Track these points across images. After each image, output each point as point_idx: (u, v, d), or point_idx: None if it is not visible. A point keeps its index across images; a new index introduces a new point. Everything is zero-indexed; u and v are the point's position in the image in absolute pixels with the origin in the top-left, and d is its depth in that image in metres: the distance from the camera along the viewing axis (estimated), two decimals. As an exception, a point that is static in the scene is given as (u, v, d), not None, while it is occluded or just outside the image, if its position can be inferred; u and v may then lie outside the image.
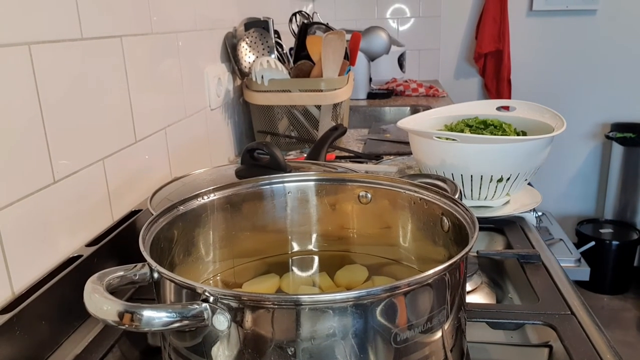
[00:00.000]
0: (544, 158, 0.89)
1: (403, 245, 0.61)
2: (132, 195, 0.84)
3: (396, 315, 0.39)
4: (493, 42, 2.66)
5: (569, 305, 0.63)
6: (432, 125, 1.02)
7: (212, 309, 0.38)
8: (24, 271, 0.59)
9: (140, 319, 0.37)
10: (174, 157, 0.99)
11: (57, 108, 0.65)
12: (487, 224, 0.88)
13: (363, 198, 0.61)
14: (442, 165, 0.88)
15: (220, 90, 1.25)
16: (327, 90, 1.31)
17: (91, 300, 0.39)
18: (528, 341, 0.63)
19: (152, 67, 0.91)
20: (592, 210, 2.97)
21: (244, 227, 0.61)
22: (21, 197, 0.59)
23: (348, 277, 0.59)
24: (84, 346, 0.58)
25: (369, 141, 1.49)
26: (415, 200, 0.57)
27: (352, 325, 0.38)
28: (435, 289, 0.41)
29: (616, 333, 2.31)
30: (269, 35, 1.34)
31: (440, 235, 0.54)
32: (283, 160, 0.77)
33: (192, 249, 0.57)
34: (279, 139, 1.38)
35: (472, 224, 0.47)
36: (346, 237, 0.65)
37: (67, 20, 0.68)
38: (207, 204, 0.58)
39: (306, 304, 0.38)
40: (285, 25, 1.66)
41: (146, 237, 0.48)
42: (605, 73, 2.75)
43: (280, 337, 0.38)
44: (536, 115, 0.98)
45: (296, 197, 0.63)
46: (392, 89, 2.31)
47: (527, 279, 0.70)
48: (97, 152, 0.74)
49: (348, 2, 2.76)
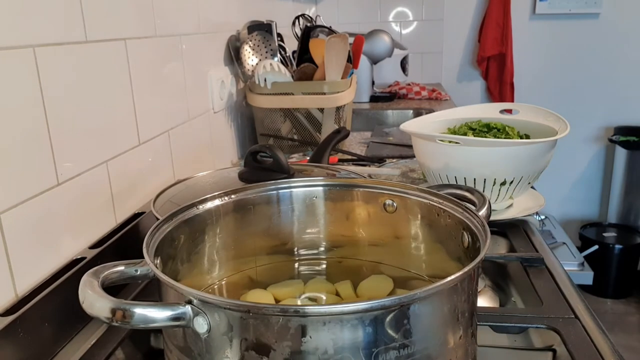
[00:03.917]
0: (548, 161, 0.89)
1: (421, 257, 0.60)
2: (135, 197, 0.84)
3: (401, 328, 0.39)
4: (496, 45, 2.66)
5: (573, 309, 0.63)
6: (435, 128, 1.01)
7: (194, 311, 0.39)
8: (27, 273, 0.59)
9: (132, 316, 0.38)
10: (177, 159, 0.99)
11: (61, 110, 0.65)
12: (490, 227, 0.88)
13: (389, 207, 0.60)
14: (445, 168, 0.88)
15: (224, 93, 1.25)
16: (330, 93, 1.31)
17: (84, 295, 0.39)
18: (532, 345, 0.63)
19: (156, 70, 0.91)
20: (595, 214, 2.96)
21: (254, 231, 0.61)
22: (25, 199, 0.59)
23: (371, 289, 0.58)
24: (87, 348, 0.58)
25: (372, 144, 1.49)
26: (439, 212, 0.56)
27: (343, 339, 0.37)
28: (445, 301, 0.41)
29: (620, 337, 2.30)
30: (272, 38, 1.34)
31: (459, 250, 0.53)
32: (286, 163, 0.77)
33: (199, 252, 0.57)
34: (281, 141, 1.38)
35: (484, 233, 0.47)
36: (365, 244, 0.63)
37: (71, 23, 0.68)
38: (219, 207, 0.58)
39: (288, 315, 0.37)
40: (288, 28, 1.66)
41: (153, 238, 0.48)
42: (608, 76, 2.74)
43: (257, 345, 0.38)
44: (539, 118, 0.98)
45: (320, 202, 0.63)
46: (395, 92, 2.31)
47: (531, 283, 0.70)
48: (100, 154, 0.74)
49: (351, 5, 2.77)
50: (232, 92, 1.32)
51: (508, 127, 0.96)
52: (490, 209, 0.57)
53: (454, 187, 0.61)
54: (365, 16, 2.77)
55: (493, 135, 0.95)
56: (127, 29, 0.81)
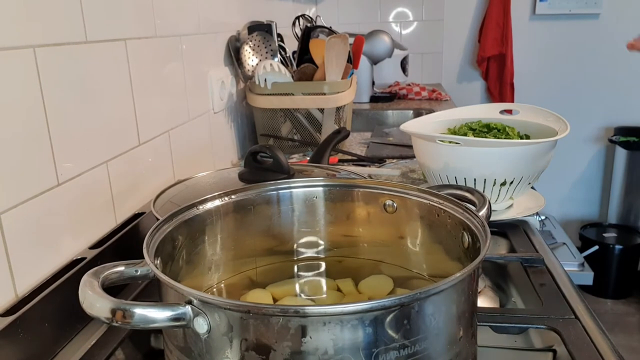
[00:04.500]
0: (548, 161, 0.89)
1: (421, 257, 0.60)
2: (135, 197, 0.84)
3: (401, 328, 0.39)
4: (496, 45, 2.66)
5: (573, 310, 0.63)
6: (435, 128, 1.01)
7: (195, 312, 0.39)
8: (28, 273, 0.59)
9: (132, 316, 0.38)
10: (177, 160, 0.99)
11: (61, 111, 0.65)
12: (490, 227, 0.88)
13: (389, 207, 0.60)
14: (445, 168, 0.88)
15: (224, 94, 1.25)
16: (330, 93, 1.31)
17: (84, 296, 0.39)
18: (532, 345, 0.63)
19: (156, 71, 0.91)
20: (595, 214, 2.96)
21: (254, 231, 0.61)
22: (25, 200, 0.59)
23: (372, 287, 0.58)
24: (87, 349, 0.58)
25: (372, 144, 1.49)
26: (439, 212, 0.56)
27: (343, 339, 0.37)
28: (446, 301, 0.41)
29: (620, 337, 2.30)
30: (272, 39, 1.34)
31: (459, 251, 0.53)
32: (286, 163, 0.77)
33: (199, 252, 0.57)
34: (281, 142, 1.38)
35: (484, 233, 0.47)
36: (365, 245, 0.64)
37: (71, 23, 0.68)
38: (219, 208, 0.58)
39: (288, 315, 0.37)
40: (288, 28, 1.66)
41: (153, 238, 0.48)
42: (608, 77, 2.74)
43: (257, 345, 0.38)
44: (539, 118, 0.98)
45: (321, 202, 0.63)
46: (395, 93, 2.31)
47: (531, 283, 0.70)
48: (100, 154, 0.74)
49: (351, 5, 2.77)
50: (232, 93, 1.32)
51: (508, 128, 0.96)
52: (490, 209, 0.57)
53: (454, 188, 0.61)
54: (366, 16, 2.77)
55: (493, 135, 0.95)
56: (127, 29, 0.81)
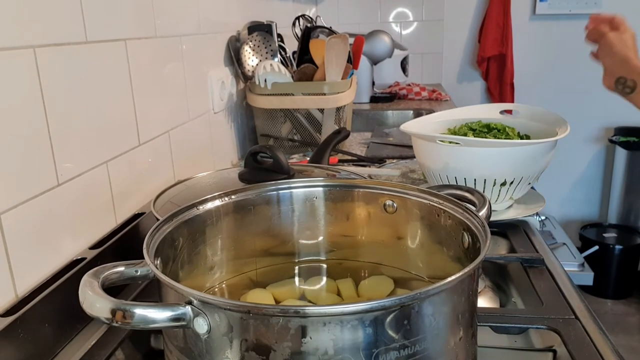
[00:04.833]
0: (548, 162, 0.89)
1: (421, 257, 0.60)
2: (135, 198, 0.84)
3: (401, 328, 0.39)
4: (496, 46, 2.66)
5: (573, 310, 0.63)
6: (435, 128, 1.01)
7: (195, 312, 0.39)
8: (28, 274, 0.59)
9: (132, 316, 0.38)
10: (178, 160, 0.99)
11: (61, 111, 0.65)
12: (490, 227, 0.88)
13: (389, 207, 0.60)
14: (445, 168, 0.88)
15: (224, 94, 1.25)
16: (330, 93, 1.31)
17: (84, 296, 0.39)
18: (532, 345, 0.63)
19: (156, 71, 0.91)
20: (595, 215, 2.96)
21: (254, 232, 0.61)
22: (25, 200, 0.59)
23: (373, 288, 0.58)
24: (87, 349, 0.58)
25: (372, 145, 1.49)
26: (439, 212, 0.56)
27: (343, 339, 0.37)
28: (446, 302, 0.41)
29: (620, 338, 2.30)
30: (272, 39, 1.34)
31: (459, 251, 0.53)
32: (286, 164, 0.77)
33: (199, 253, 0.57)
34: (282, 142, 1.38)
35: (484, 233, 0.47)
36: (365, 245, 0.63)
37: (71, 23, 0.68)
38: (219, 208, 0.58)
39: (288, 315, 0.37)
40: (288, 28, 1.66)
41: (153, 239, 0.48)
42: (608, 77, 2.74)
43: (257, 345, 0.38)
44: (539, 119, 0.98)
45: (321, 202, 0.63)
46: (395, 93, 2.31)
47: (531, 283, 0.70)
48: (100, 155, 0.74)
49: (351, 5, 2.77)
50: (232, 93, 1.32)
51: (508, 128, 0.96)
52: (490, 209, 0.57)
53: (454, 188, 0.60)
54: (366, 17, 2.77)
55: (493, 135, 0.95)
56: (127, 30, 0.81)
